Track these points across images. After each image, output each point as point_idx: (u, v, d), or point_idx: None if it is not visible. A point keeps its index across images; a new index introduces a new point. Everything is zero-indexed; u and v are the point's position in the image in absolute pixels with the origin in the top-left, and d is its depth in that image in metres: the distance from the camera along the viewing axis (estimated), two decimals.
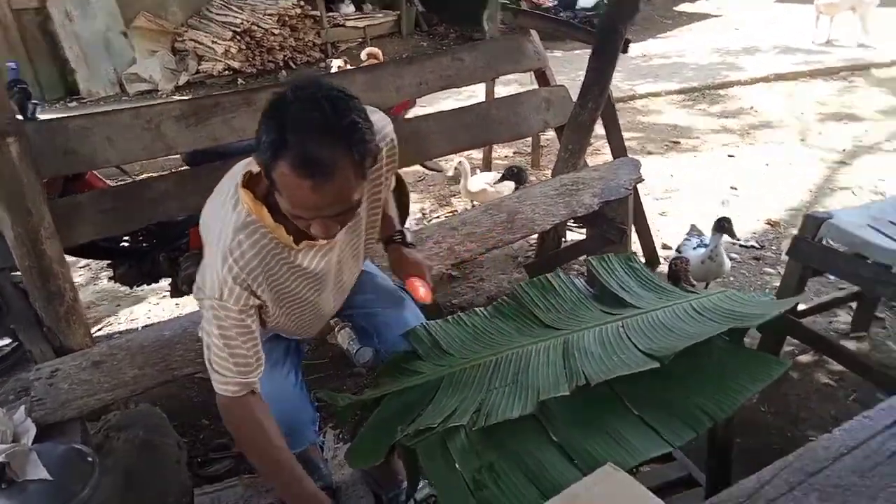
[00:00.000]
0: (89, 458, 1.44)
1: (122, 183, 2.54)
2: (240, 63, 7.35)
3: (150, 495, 1.74)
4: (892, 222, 1.94)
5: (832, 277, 2.47)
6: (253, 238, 1.24)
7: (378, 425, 1.48)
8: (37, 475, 1.36)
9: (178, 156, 2.62)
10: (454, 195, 4.01)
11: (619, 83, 6.15)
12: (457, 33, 9.06)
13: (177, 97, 6.92)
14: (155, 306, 3.01)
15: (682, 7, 10.88)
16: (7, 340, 2.59)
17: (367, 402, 1.53)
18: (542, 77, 2.80)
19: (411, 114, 3.12)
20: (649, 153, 4.50)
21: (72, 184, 2.50)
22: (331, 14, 8.37)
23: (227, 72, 7.38)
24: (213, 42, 7.31)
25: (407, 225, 3.22)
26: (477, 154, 4.36)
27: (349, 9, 8.62)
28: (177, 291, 2.69)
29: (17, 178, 1.80)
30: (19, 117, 2.49)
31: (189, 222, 2.58)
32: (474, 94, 5.01)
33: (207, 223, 1.34)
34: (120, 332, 2.81)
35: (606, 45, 2.45)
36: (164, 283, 2.77)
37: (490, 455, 1.32)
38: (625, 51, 2.47)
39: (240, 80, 7.36)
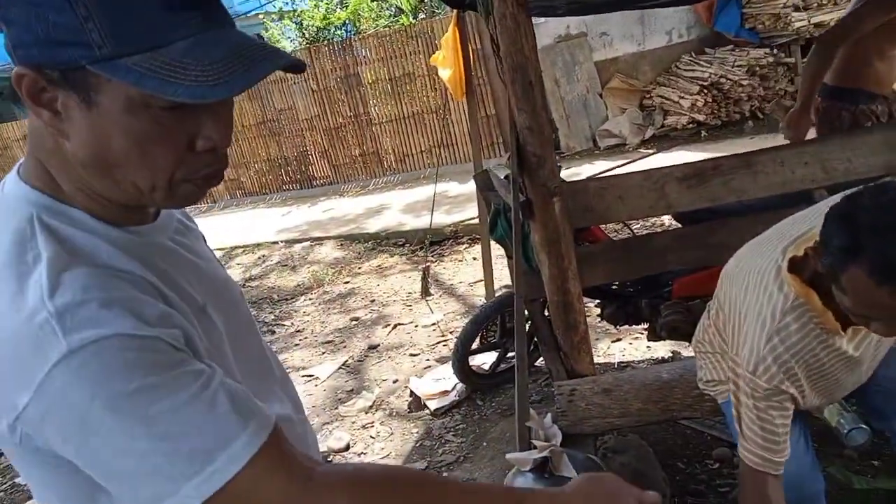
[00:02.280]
0: (603, 470, 1.70)
1: (627, 237, 2.89)
2: (704, 115, 7.47)
3: None
4: None
5: None
6: (801, 321, 1.29)
7: None
8: (569, 473, 1.67)
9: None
10: None
11: None
12: None
13: (642, 150, 7.41)
14: (629, 345, 3.30)
15: None
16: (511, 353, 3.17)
17: (888, 490, 1.44)
18: None
19: None
20: None
21: (579, 234, 2.94)
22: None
23: (691, 125, 7.58)
24: (680, 97, 7.60)
25: None
26: None
27: None
28: (654, 336, 2.90)
29: (557, 229, 2.24)
30: None
31: (672, 274, 2.78)
32: None
33: (739, 295, 1.41)
34: (598, 364, 3.17)
35: None
36: (642, 326, 3.02)
37: None
38: None
39: (703, 132, 7.47)
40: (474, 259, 5.42)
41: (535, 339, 2.84)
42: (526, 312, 2.66)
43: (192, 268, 0.79)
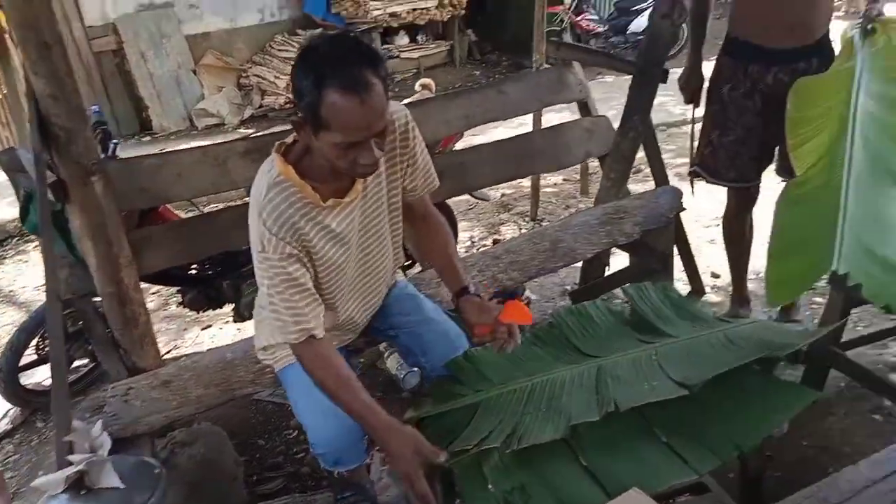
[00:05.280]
0: (156, 470, 1.58)
1: (192, 215, 2.74)
2: None
3: None
4: None
5: None
6: (283, 195, 1.41)
7: None
8: (111, 483, 1.50)
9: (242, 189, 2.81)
10: (503, 223, 4.10)
11: (672, 108, 6.12)
12: (509, 61, 9.20)
13: (242, 130, 7.28)
14: (219, 330, 3.20)
15: None
16: (85, 360, 2.80)
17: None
18: (585, 108, 2.89)
19: (459, 145, 3.25)
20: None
21: (146, 216, 2.71)
22: (386, 46, 8.65)
23: (288, 104, 7.72)
24: (276, 77, 7.67)
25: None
26: (526, 182, 4.44)
27: (403, 40, 8.88)
28: (238, 316, 2.86)
29: (101, 211, 1.98)
30: (102, 156, 2.75)
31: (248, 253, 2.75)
32: (525, 122, 5.12)
33: (251, 200, 1.49)
34: (186, 355, 2.99)
35: (645, 77, 2.51)
36: (228, 308, 2.94)
37: (522, 477, 1.38)
38: (663, 80, 2.52)
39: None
40: None
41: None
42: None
43: None
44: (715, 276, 3.09)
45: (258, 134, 2.75)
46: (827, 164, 1.62)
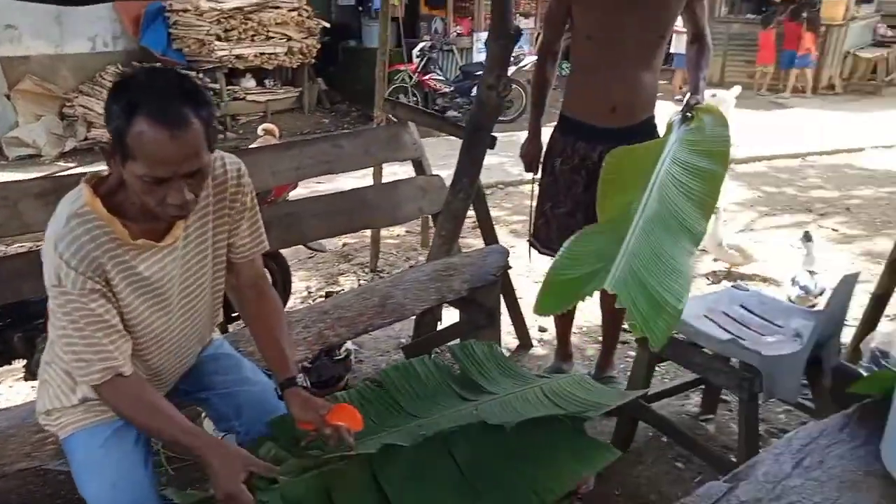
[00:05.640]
0: None
1: None
2: None
3: None
4: (724, 313, 2.14)
5: None
6: (85, 227, 1.27)
7: None
8: None
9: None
10: (341, 273, 4.04)
11: (510, 168, 6.45)
12: (358, 111, 9.30)
13: (61, 163, 6.65)
14: (9, 388, 2.80)
15: None
16: None
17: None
18: (419, 166, 2.95)
19: (293, 195, 3.17)
20: None
21: None
22: (231, 87, 8.39)
23: None
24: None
25: (290, 305, 3.21)
26: (367, 233, 4.43)
27: (250, 83, 8.66)
28: (31, 374, 2.53)
29: None
30: None
31: (45, 303, 2.46)
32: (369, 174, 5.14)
33: (47, 231, 1.35)
34: None
35: (473, 142, 2.61)
36: (19, 364, 2.60)
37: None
38: (492, 147, 2.64)
39: None
40: None
41: None
42: None
43: None
44: (542, 329, 3.23)
45: (69, 172, 2.51)
46: (625, 212, 1.75)
